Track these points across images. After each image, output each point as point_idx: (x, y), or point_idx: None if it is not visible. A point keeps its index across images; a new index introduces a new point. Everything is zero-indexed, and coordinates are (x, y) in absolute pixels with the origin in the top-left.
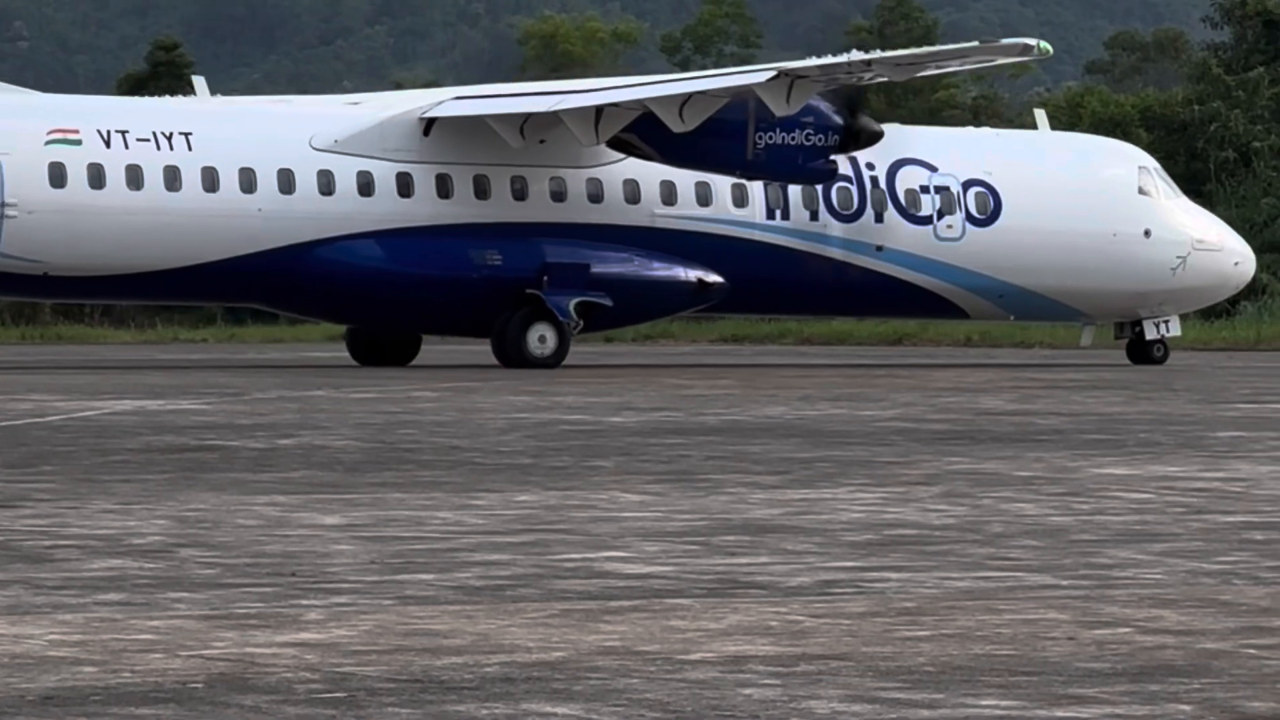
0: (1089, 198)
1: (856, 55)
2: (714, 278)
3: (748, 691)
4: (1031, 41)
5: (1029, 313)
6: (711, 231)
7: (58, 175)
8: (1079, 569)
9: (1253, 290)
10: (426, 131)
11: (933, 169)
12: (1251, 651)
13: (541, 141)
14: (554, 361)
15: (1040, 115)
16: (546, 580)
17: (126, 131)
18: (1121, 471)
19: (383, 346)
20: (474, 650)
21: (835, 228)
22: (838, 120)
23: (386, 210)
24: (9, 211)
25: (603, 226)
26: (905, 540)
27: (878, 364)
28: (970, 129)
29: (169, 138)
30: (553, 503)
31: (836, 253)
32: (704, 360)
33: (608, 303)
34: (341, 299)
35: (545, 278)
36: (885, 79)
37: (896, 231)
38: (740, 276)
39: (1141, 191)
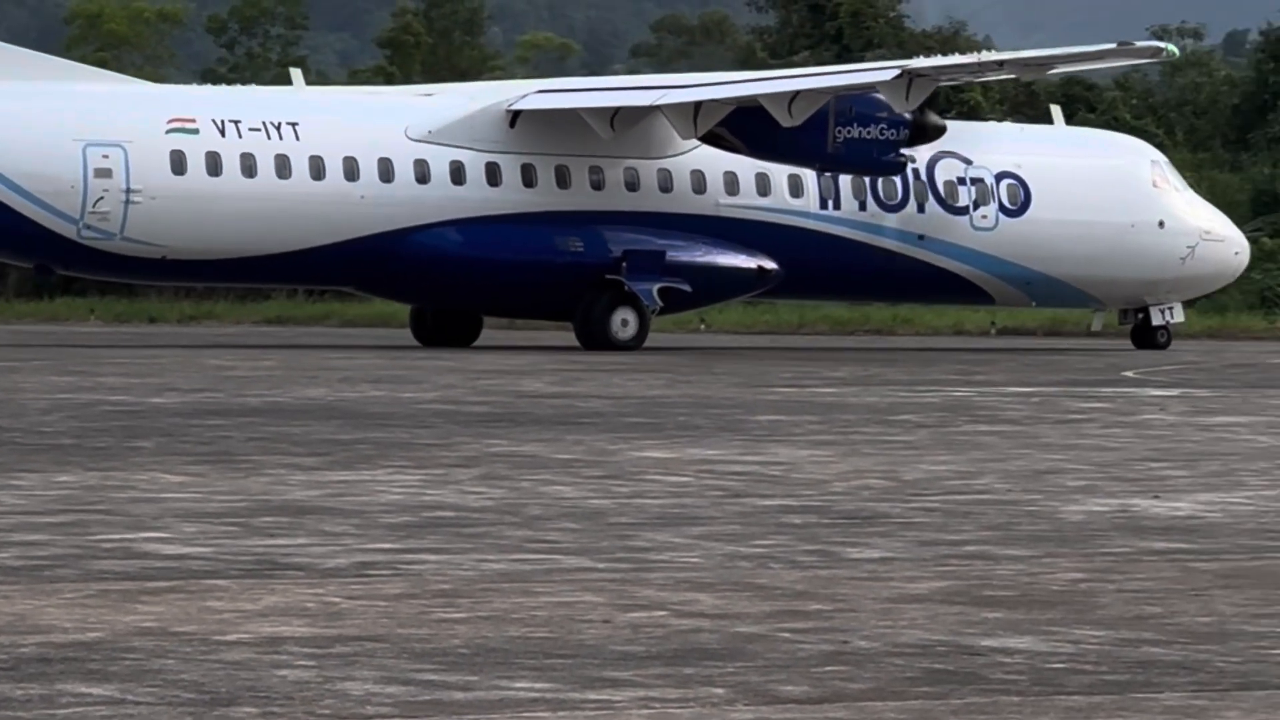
0: (1108, 190)
1: (987, 56)
2: (771, 264)
3: (283, 673)
4: (1162, 45)
5: (1050, 299)
6: (771, 220)
7: (178, 163)
8: (616, 552)
9: None
10: (513, 123)
11: (968, 161)
12: (786, 635)
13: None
14: (635, 344)
15: (1056, 111)
16: (85, 561)
17: (239, 121)
18: (661, 454)
19: (445, 327)
20: (10, 631)
21: (890, 218)
22: (906, 115)
23: (476, 198)
24: (134, 197)
25: (672, 215)
26: (443, 522)
27: (418, 345)
28: (995, 123)
29: (278, 127)
30: (93, 483)
31: (890, 242)
32: (249, 341)
33: (687, 288)
34: (433, 283)
35: (624, 264)
36: (1014, 77)
37: (937, 221)
38: (794, 263)
39: (1154, 184)
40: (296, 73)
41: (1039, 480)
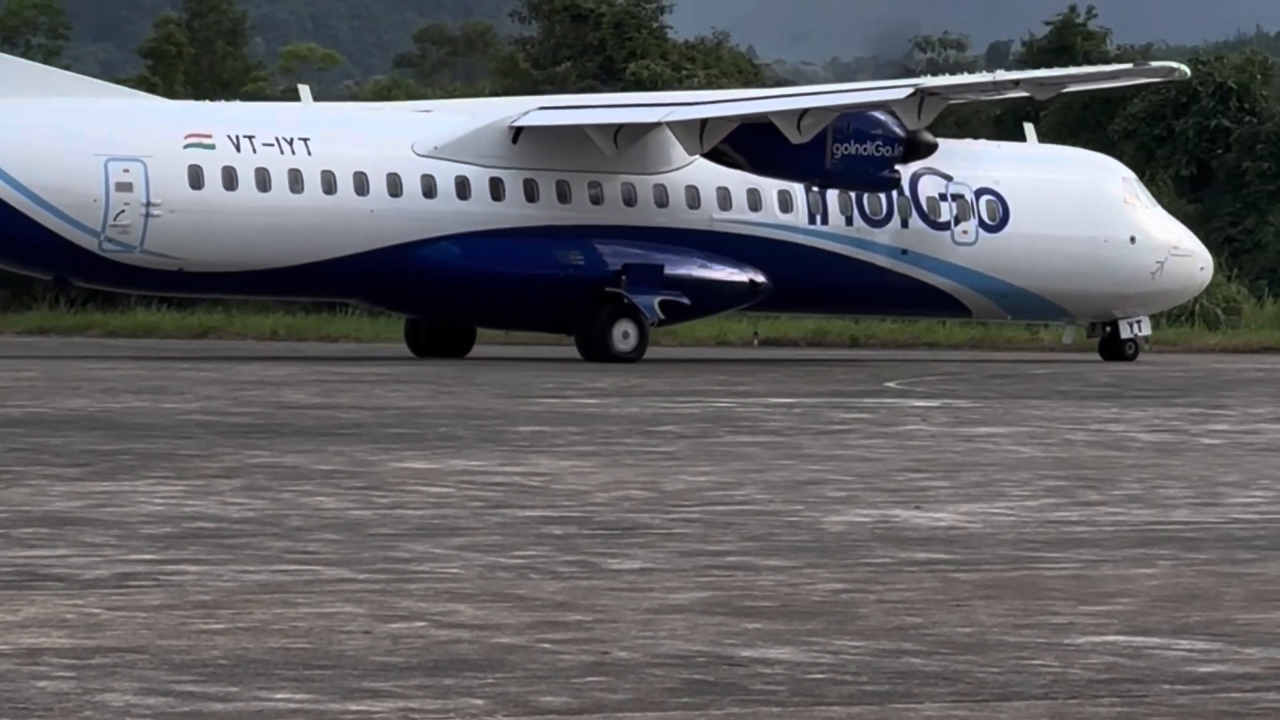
0: (1082, 206)
1: (1002, 75)
2: (761, 278)
3: (42, 684)
4: (1176, 65)
5: (1025, 312)
6: (762, 235)
7: (196, 177)
8: (376, 563)
9: None
10: (515, 139)
11: (948, 178)
12: (546, 646)
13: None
14: (635, 356)
15: (1029, 129)
16: None
17: (253, 136)
18: (422, 465)
19: (440, 339)
20: None
21: (881, 234)
22: (901, 133)
23: (481, 212)
24: (153, 211)
25: (668, 230)
26: (204, 534)
27: (183, 356)
28: (971, 140)
29: (290, 143)
30: None
31: (875, 257)
32: (9, 354)
33: (686, 301)
34: (440, 296)
35: (624, 277)
36: (1028, 95)
37: (921, 237)
38: (782, 277)
39: (1125, 200)
40: (304, 89)
41: (800, 491)
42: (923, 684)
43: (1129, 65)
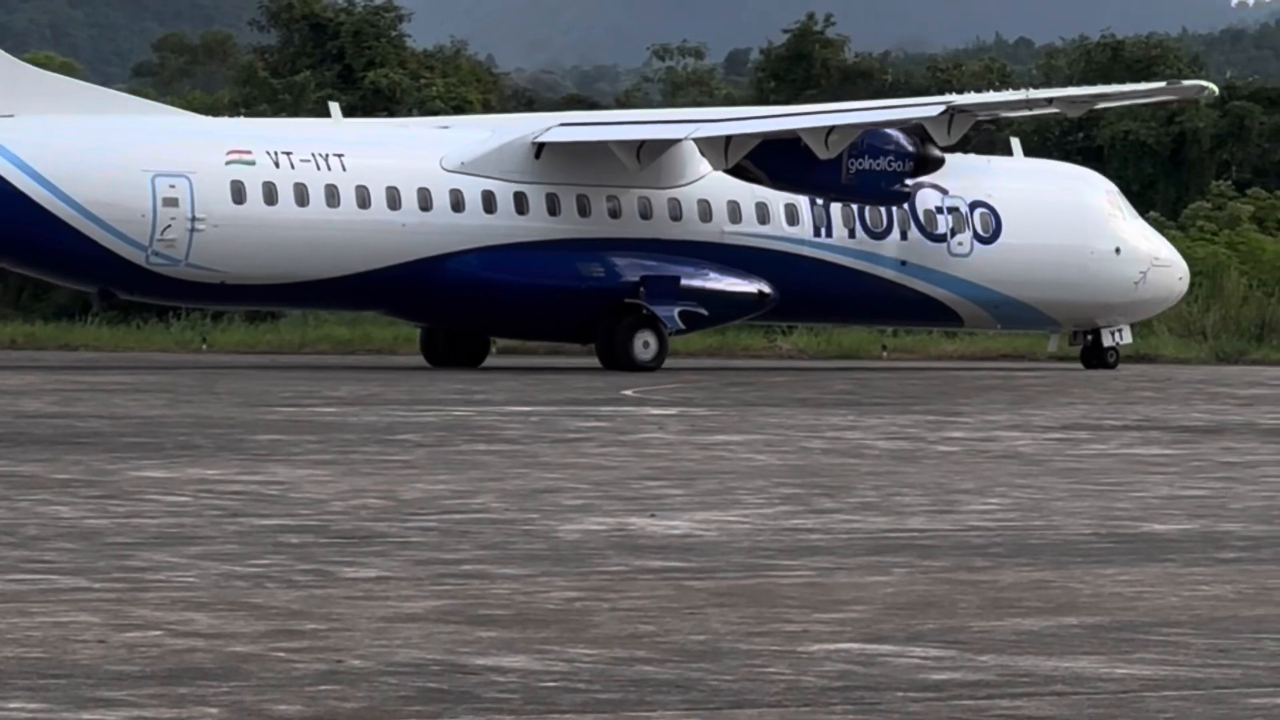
0: (1070, 218)
1: (1035, 93)
2: (768, 289)
3: None
4: (1205, 84)
5: (1014, 322)
6: (769, 247)
7: (238, 192)
8: (113, 572)
9: None
10: (537, 154)
11: (944, 191)
12: (281, 654)
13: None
14: (655, 365)
15: (1015, 143)
16: None
17: (291, 153)
18: (159, 474)
19: (454, 349)
20: None
21: (888, 246)
22: (911, 148)
23: (506, 226)
24: (198, 225)
25: (682, 242)
26: None
27: None
28: (963, 155)
29: (326, 159)
30: None
31: (878, 268)
32: None
33: (704, 312)
34: (466, 307)
35: (642, 289)
36: (1059, 112)
37: (920, 249)
38: (788, 288)
39: (1109, 213)
40: (335, 106)
41: (536, 499)
42: (656, 692)
43: (1162, 84)
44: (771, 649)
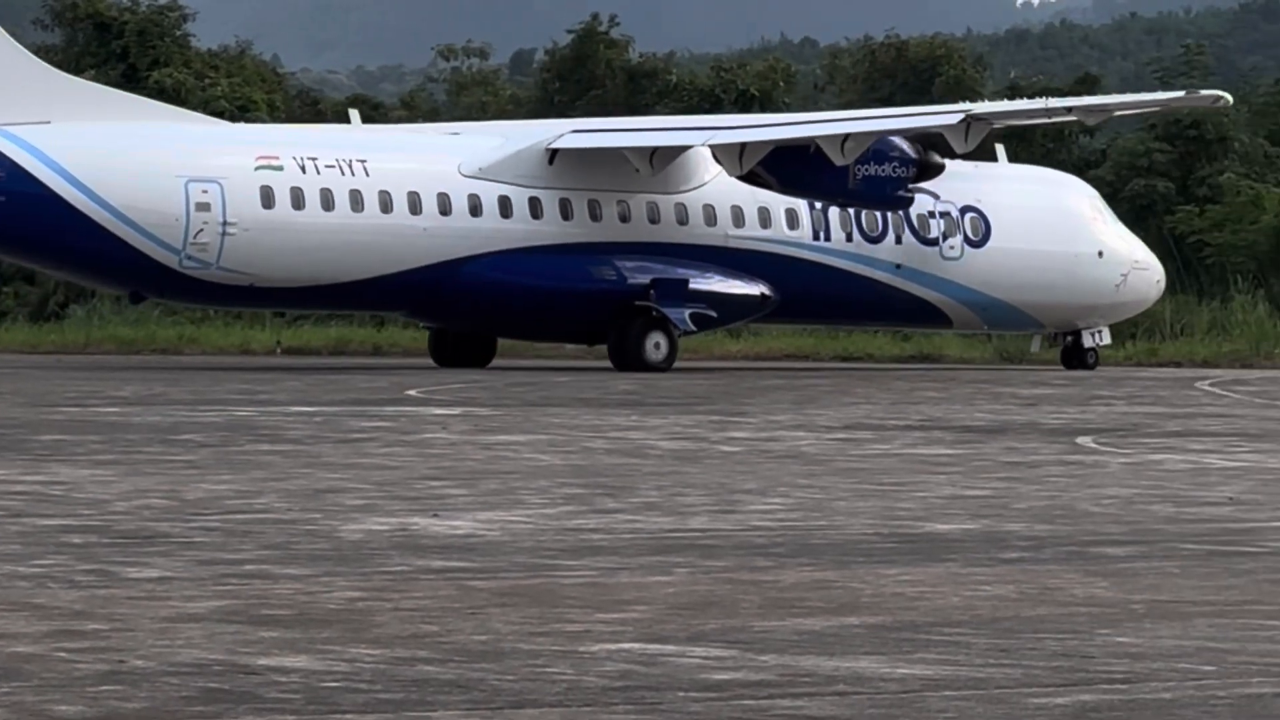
0: (1055, 222)
1: (1055, 101)
2: (769, 291)
3: None
4: (1222, 94)
5: (1001, 324)
6: (771, 251)
7: (267, 197)
8: None
9: None
10: (551, 160)
11: (936, 196)
12: (63, 655)
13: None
14: (666, 366)
15: (1000, 149)
16: None
17: (316, 159)
18: None
19: (462, 348)
20: None
21: (879, 249)
22: (914, 155)
23: (521, 230)
24: (229, 229)
25: (689, 246)
26: None
27: None
28: (950, 160)
29: (349, 164)
30: None
31: (874, 271)
32: None
33: (713, 314)
34: (482, 309)
35: (653, 291)
36: (1076, 120)
37: (914, 252)
38: (788, 291)
39: (1092, 217)
40: (354, 113)
41: (319, 499)
42: (437, 692)
43: (1180, 93)
44: (553, 649)
